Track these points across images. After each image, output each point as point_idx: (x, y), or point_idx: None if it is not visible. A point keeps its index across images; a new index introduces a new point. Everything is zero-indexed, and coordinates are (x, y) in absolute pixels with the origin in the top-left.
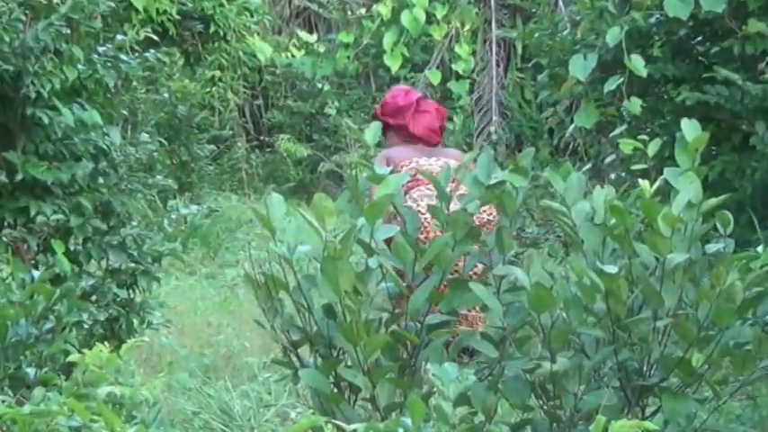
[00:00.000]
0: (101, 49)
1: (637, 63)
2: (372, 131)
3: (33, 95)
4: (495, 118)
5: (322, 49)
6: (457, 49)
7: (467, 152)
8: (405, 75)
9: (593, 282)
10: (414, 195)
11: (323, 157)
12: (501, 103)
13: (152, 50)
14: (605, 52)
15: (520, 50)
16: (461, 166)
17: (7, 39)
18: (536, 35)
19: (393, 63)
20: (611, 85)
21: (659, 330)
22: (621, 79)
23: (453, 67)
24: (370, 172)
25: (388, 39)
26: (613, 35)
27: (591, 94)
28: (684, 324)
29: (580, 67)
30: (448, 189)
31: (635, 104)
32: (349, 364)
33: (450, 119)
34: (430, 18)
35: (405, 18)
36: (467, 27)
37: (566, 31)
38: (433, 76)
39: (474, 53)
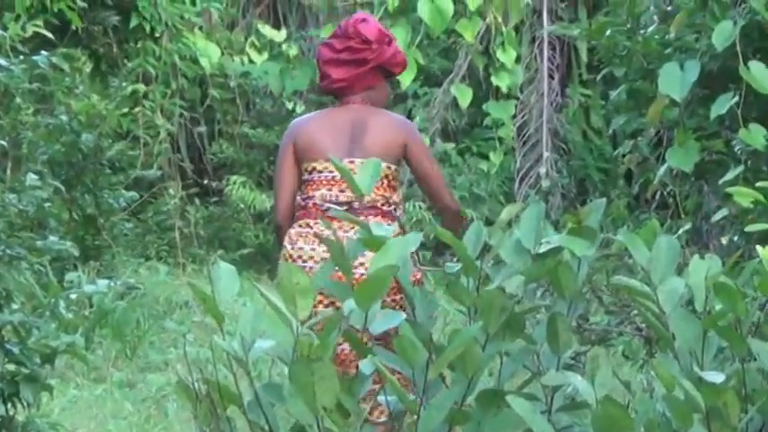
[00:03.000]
0: None
1: (759, 74)
2: (369, 172)
3: None
4: (546, 154)
5: (294, 52)
6: (499, 54)
7: (506, 203)
8: (416, 90)
9: (689, 396)
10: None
11: None
12: (556, 132)
13: (44, 52)
14: (710, 59)
15: (584, 56)
16: (498, 224)
17: None
18: (608, 32)
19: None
20: (720, 106)
21: None
22: (736, 98)
23: (493, 81)
24: (364, 232)
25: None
26: (723, 34)
27: (688, 120)
28: None
29: (675, 81)
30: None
31: (756, 136)
32: None
33: (486, 156)
34: (457, 8)
35: (423, 8)
36: (511, 23)
37: (651, 28)
38: (461, 92)
39: (519, 59)
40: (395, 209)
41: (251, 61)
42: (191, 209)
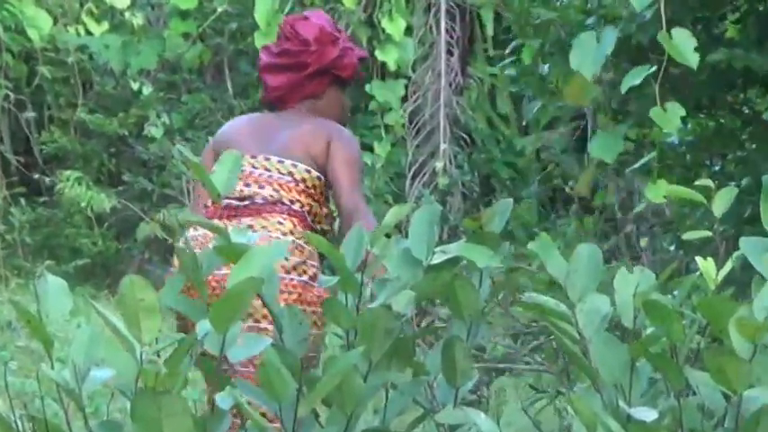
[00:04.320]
0: None
1: (681, 42)
2: (227, 166)
3: None
4: (443, 146)
5: (140, 21)
6: (385, 23)
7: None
8: None
9: None
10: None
11: (139, 212)
12: (455, 119)
13: None
14: (637, 29)
15: (490, 28)
16: (383, 229)
17: None
18: None
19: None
20: (633, 77)
21: None
22: (652, 68)
23: (378, 56)
24: (222, 239)
25: (261, 5)
26: None
27: (614, 101)
28: None
29: (587, 53)
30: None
31: (672, 116)
32: None
33: (370, 148)
34: None
35: None
36: None
37: None
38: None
39: (410, 30)
40: (313, 217)
41: (88, 32)
42: (15, 211)
